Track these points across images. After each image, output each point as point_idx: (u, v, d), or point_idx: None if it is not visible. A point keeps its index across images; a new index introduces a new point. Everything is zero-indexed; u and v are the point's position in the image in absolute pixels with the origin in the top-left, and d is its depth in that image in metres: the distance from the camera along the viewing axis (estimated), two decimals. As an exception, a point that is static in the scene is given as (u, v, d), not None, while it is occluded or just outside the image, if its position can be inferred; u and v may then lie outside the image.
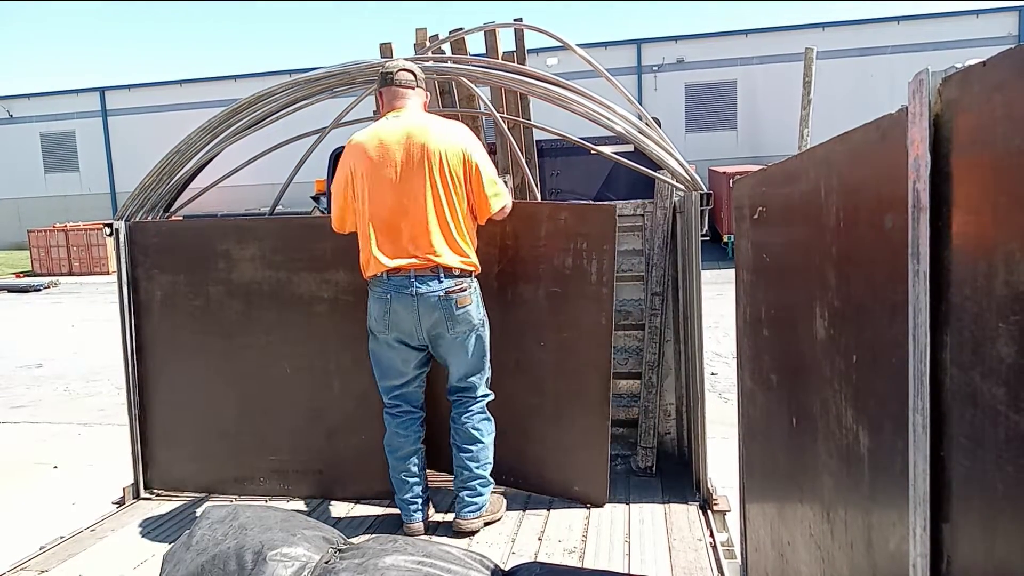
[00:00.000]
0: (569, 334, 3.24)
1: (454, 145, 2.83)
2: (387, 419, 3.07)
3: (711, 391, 6.42)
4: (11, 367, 9.59)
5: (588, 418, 3.24)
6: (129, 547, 3.04)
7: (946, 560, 0.91)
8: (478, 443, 3.01)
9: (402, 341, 2.94)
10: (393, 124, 2.87)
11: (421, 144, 2.80)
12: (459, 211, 2.86)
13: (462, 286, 2.86)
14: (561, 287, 3.23)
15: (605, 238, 3.16)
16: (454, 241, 2.84)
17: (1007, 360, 0.74)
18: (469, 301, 2.89)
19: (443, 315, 2.85)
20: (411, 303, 2.83)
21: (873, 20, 22.75)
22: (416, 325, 2.87)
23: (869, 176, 1.18)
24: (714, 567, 2.65)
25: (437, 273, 2.82)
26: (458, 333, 2.91)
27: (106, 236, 3.69)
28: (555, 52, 18.91)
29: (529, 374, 3.32)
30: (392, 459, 3.05)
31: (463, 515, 3.00)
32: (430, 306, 2.83)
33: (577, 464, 3.29)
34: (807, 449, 1.59)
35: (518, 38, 4.19)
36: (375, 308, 2.92)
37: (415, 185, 2.80)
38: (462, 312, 2.87)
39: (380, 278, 2.87)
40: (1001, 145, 0.76)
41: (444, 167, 2.80)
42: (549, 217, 3.25)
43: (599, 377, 3.22)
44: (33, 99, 29.25)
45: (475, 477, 3.01)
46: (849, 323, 1.30)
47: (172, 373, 3.62)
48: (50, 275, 20.65)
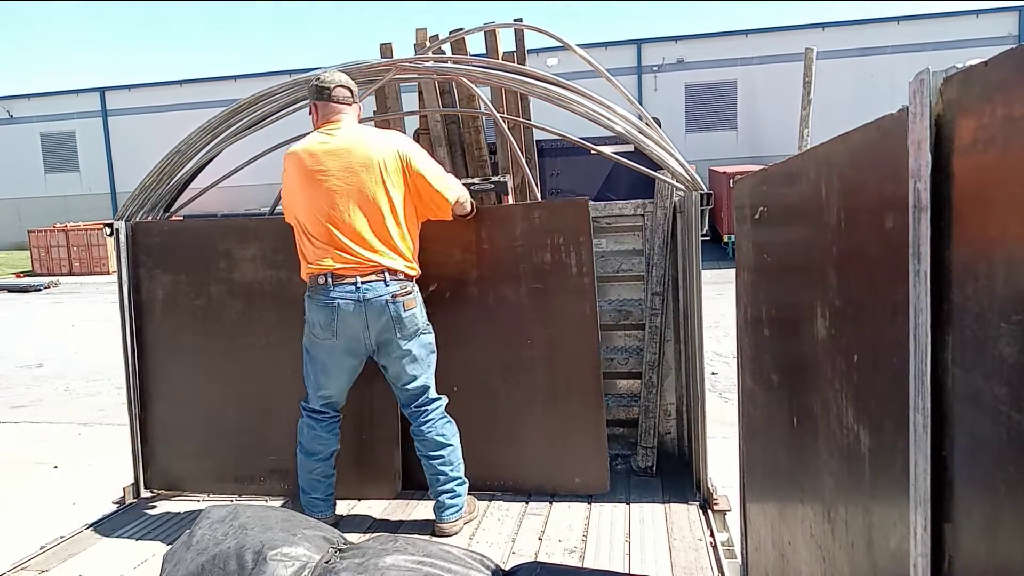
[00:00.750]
0: (555, 328, 3.31)
1: (390, 152, 2.91)
2: (309, 422, 3.09)
3: (711, 391, 6.42)
4: (11, 367, 9.59)
5: (582, 409, 3.29)
6: (129, 547, 3.04)
7: (947, 560, 0.91)
8: (446, 447, 3.04)
9: (348, 350, 2.97)
10: (329, 137, 2.94)
11: (359, 154, 2.88)
12: (401, 217, 2.93)
13: (407, 289, 2.94)
14: (542, 283, 3.31)
15: (580, 231, 3.26)
16: (396, 246, 2.92)
17: (1009, 360, 0.74)
18: (415, 304, 2.96)
19: (391, 320, 2.90)
20: (359, 309, 2.87)
21: (873, 20, 22.75)
22: (364, 331, 2.91)
23: (870, 176, 1.18)
24: (714, 567, 2.65)
25: (383, 277, 2.88)
26: (405, 336, 2.96)
27: (106, 236, 3.69)
28: (555, 52, 18.92)
29: (520, 374, 3.36)
30: (310, 461, 3.09)
31: (444, 518, 3.03)
32: (377, 311, 2.88)
33: (575, 456, 3.34)
34: (808, 449, 1.59)
35: (518, 38, 4.19)
36: (320, 316, 2.92)
37: (356, 194, 2.87)
38: (409, 315, 2.93)
39: (325, 286, 2.89)
40: (1002, 145, 0.76)
41: (383, 175, 2.88)
42: (523, 217, 3.33)
43: (589, 367, 3.28)
44: (33, 99, 29.24)
45: (451, 480, 3.04)
46: (850, 323, 1.30)
47: (172, 373, 3.62)
48: (50, 275, 20.64)
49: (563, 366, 3.32)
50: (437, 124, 4.32)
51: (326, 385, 3.05)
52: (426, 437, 3.03)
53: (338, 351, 2.96)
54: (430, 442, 3.03)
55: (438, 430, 3.03)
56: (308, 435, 3.08)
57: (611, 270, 3.76)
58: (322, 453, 3.09)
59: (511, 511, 3.23)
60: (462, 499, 3.07)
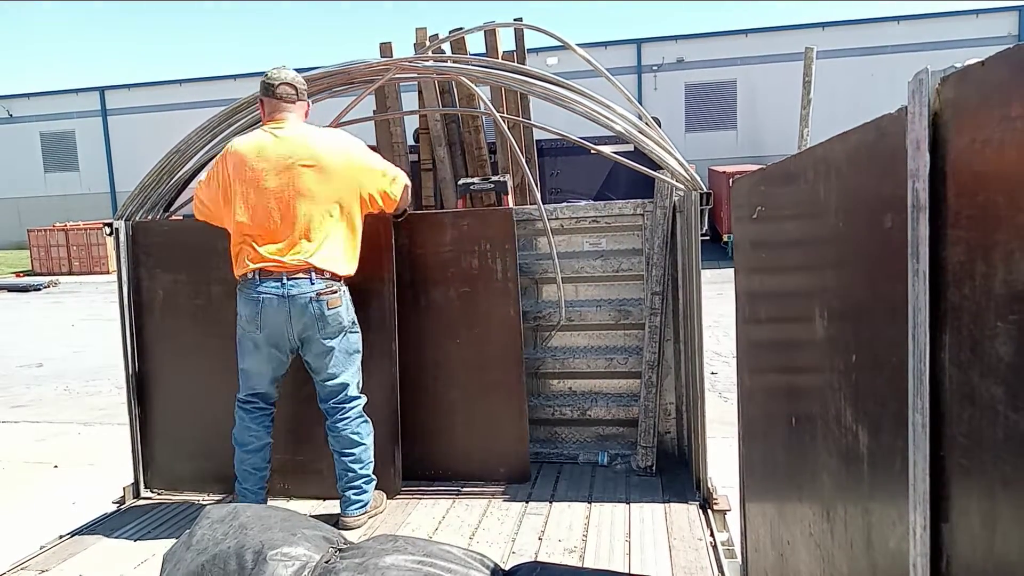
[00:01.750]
0: (481, 329, 3.53)
1: (333, 150, 2.98)
2: (240, 413, 3.15)
3: (711, 390, 6.42)
4: (11, 366, 9.59)
5: (506, 404, 3.52)
6: (129, 547, 3.04)
7: (946, 559, 0.91)
8: (359, 446, 3.10)
9: (272, 343, 3.02)
10: (273, 135, 2.99)
11: (299, 152, 2.93)
12: (339, 216, 2.99)
13: (332, 288, 2.98)
14: (470, 287, 3.52)
15: (506, 238, 3.48)
16: (329, 245, 2.97)
17: (1006, 359, 0.74)
18: (339, 303, 3.00)
19: (314, 317, 2.94)
20: (282, 304, 2.92)
21: (873, 20, 22.74)
22: (287, 326, 2.96)
23: (868, 176, 1.18)
24: (714, 566, 2.65)
25: (309, 275, 2.93)
26: (328, 334, 3.00)
27: (106, 236, 3.69)
28: (555, 52, 18.90)
29: (448, 371, 3.56)
30: (241, 452, 3.14)
31: (349, 512, 3.11)
32: (300, 307, 2.93)
33: (500, 448, 3.55)
34: (807, 448, 1.59)
35: (518, 38, 4.20)
36: (246, 309, 3.00)
37: (293, 192, 2.92)
38: (332, 313, 2.97)
39: (252, 280, 2.96)
40: (1000, 144, 0.76)
41: (324, 173, 2.94)
42: (452, 224, 3.53)
43: (512, 365, 3.51)
44: (33, 98, 29.24)
45: (359, 477, 3.10)
46: (848, 322, 1.30)
47: (172, 372, 3.62)
48: (50, 274, 20.64)
49: (488, 364, 3.53)
50: (437, 124, 4.32)
51: (252, 375, 3.11)
52: (341, 435, 3.09)
53: (263, 343, 3.02)
54: (344, 439, 3.09)
55: (353, 428, 3.09)
56: (238, 425, 3.15)
57: (611, 269, 3.77)
58: (251, 445, 3.13)
59: (511, 511, 3.23)
60: (368, 495, 3.13)
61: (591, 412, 3.85)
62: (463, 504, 3.34)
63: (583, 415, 3.86)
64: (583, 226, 3.77)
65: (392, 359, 3.44)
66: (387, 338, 3.43)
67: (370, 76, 3.48)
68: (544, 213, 3.54)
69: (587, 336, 3.86)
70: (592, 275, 3.79)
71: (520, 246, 3.85)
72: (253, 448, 3.14)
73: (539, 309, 3.85)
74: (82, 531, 3.21)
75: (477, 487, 3.50)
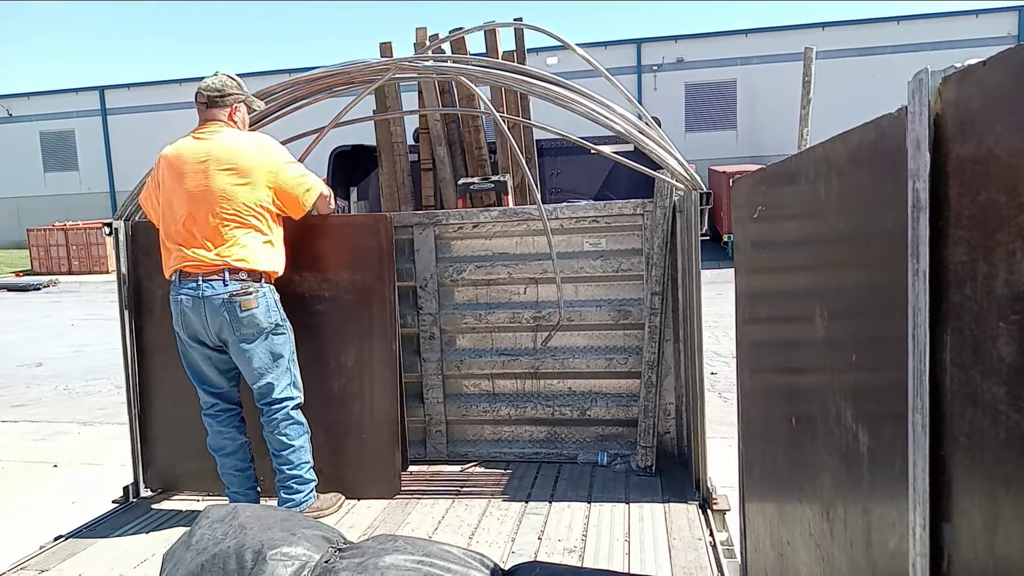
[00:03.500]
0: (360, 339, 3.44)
1: (251, 153, 3.01)
2: (207, 421, 3.19)
3: (711, 391, 6.42)
4: (11, 366, 9.58)
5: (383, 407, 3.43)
6: (129, 547, 3.03)
7: (946, 559, 0.91)
8: (288, 448, 3.11)
9: (198, 342, 3.07)
10: (194, 138, 3.07)
11: (219, 157, 2.99)
12: (255, 218, 3.02)
13: (248, 289, 2.98)
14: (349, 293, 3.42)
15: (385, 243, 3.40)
16: (245, 247, 2.98)
17: (1007, 359, 0.74)
18: (255, 304, 2.99)
19: (228, 318, 2.97)
20: (199, 305, 2.96)
21: (873, 20, 22.75)
22: (205, 327, 3.00)
23: (869, 175, 1.18)
24: (714, 567, 2.65)
25: (223, 277, 2.95)
26: (244, 336, 3.01)
27: (105, 236, 3.69)
28: (555, 52, 18.88)
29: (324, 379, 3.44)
30: (220, 457, 3.17)
31: None
32: (215, 308, 2.96)
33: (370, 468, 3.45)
34: (807, 448, 1.59)
35: (518, 38, 4.19)
36: (172, 310, 3.08)
37: (211, 196, 2.97)
38: (247, 315, 2.98)
39: (173, 282, 3.05)
40: (1000, 144, 0.76)
41: (239, 176, 2.98)
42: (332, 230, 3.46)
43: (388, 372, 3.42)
44: (33, 98, 29.23)
45: (289, 477, 3.13)
46: (849, 322, 1.30)
47: (172, 372, 3.61)
48: (50, 274, 20.64)
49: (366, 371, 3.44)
50: (437, 123, 4.32)
51: (195, 376, 3.16)
52: (272, 436, 3.11)
53: (191, 344, 3.08)
54: (274, 441, 3.11)
55: (280, 430, 3.10)
56: (209, 434, 3.19)
57: (611, 269, 3.77)
58: (226, 448, 3.16)
59: (511, 510, 3.23)
60: (302, 495, 3.13)
61: (591, 412, 3.85)
62: (463, 504, 3.34)
63: (583, 415, 3.86)
64: (583, 226, 3.77)
65: (393, 360, 3.44)
66: (388, 339, 3.43)
67: (370, 76, 3.48)
68: (544, 213, 3.54)
69: (587, 336, 3.86)
70: (592, 275, 3.79)
71: (520, 246, 3.86)
72: (229, 451, 3.17)
73: (538, 309, 3.85)
74: (82, 531, 3.20)
75: (477, 487, 3.50)
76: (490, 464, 3.85)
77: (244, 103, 3.19)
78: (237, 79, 3.20)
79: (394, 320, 3.43)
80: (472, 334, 3.96)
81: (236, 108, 3.16)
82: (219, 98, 3.10)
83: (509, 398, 3.93)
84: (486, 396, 3.97)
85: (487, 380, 3.97)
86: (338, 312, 3.42)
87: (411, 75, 3.65)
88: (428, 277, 3.88)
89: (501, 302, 3.90)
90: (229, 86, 3.13)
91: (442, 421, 3.97)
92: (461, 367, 3.96)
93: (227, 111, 3.13)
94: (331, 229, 3.47)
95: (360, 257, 3.44)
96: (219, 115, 3.11)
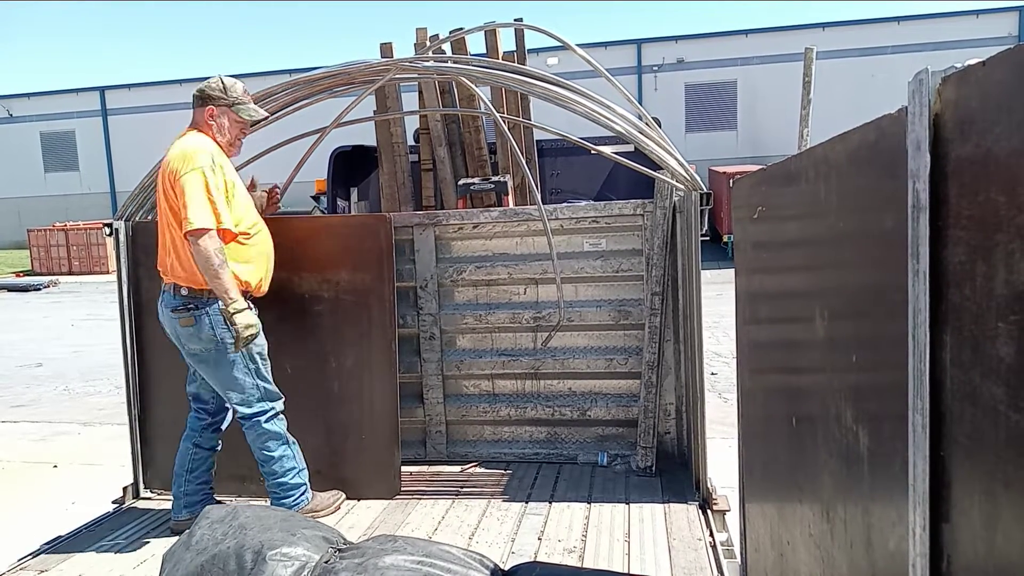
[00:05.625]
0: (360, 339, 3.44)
1: (171, 165, 2.92)
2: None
3: (711, 391, 6.42)
4: (11, 366, 9.58)
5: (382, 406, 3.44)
6: (129, 547, 3.04)
7: (946, 560, 0.91)
8: (268, 460, 3.12)
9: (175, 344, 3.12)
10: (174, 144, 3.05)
11: (165, 163, 2.97)
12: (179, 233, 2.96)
13: (187, 306, 2.95)
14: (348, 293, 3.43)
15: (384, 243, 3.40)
16: (176, 261, 2.95)
17: (1007, 360, 0.74)
18: (191, 322, 2.94)
19: (174, 332, 3.01)
20: (162, 314, 3.05)
21: (873, 20, 22.74)
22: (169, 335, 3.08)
23: (869, 176, 1.18)
24: (714, 567, 2.65)
25: (169, 290, 2.99)
26: (192, 352, 3.03)
27: (106, 236, 3.69)
28: (555, 52, 18.89)
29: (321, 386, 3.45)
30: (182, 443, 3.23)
31: None
32: (166, 321, 3.04)
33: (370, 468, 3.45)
34: (807, 449, 1.59)
35: (518, 38, 4.20)
36: None
37: (162, 206, 3.00)
38: (185, 333, 2.97)
39: None
40: (1000, 144, 0.76)
41: (165, 186, 2.94)
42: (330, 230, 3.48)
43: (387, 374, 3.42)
44: (33, 98, 29.22)
45: (276, 485, 3.15)
46: (849, 322, 1.30)
47: (172, 373, 3.61)
48: (50, 274, 20.63)
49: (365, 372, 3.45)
50: (437, 124, 4.32)
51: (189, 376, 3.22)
52: (252, 448, 3.13)
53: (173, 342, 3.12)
54: (255, 453, 3.14)
55: (257, 444, 3.11)
56: None
57: (611, 270, 3.77)
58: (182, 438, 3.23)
59: (511, 511, 3.23)
60: (289, 501, 3.13)
61: (591, 412, 3.85)
62: (463, 504, 3.33)
63: (583, 415, 3.86)
64: (583, 226, 3.77)
65: (392, 361, 3.44)
66: (388, 339, 3.43)
67: (370, 76, 3.48)
68: (544, 213, 3.54)
69: (587, 336, 3.86)
70: (592, 275, 3.79)
71: (520, 246, 3.86)
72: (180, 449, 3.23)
73: (538, 310, 3.85)
74: (82, 531, 3.20)
75: (477, 487, 3.50)
76: (490, 464, 3.85)
77: (229, 109, 3.04)
78: (232, 84, 3.08)
79: (393, 320, 3.43)
80: (472, 334, 3.96)
81: (213, 112, 3.03)
82: (198, 100, 3.07)
83: (509, 398, 3.93)
84: (486, 396, 3.97)
85: (487, 380, 3.97)
86: (338, 312, 3.42)
87: (411, 75, 3.65)
88: (428, 277, 3.88)
89: (501, 302, 3.90)
90: (213, 89, 3.05)
91: (442, 421, 3.97)
92: (461, 367, 3.96)
93: (204, 113, 3.05)
94: (331, 229, 3.47)
95: (360, 257, 3.44)
96: (196, 117, 3.07)
